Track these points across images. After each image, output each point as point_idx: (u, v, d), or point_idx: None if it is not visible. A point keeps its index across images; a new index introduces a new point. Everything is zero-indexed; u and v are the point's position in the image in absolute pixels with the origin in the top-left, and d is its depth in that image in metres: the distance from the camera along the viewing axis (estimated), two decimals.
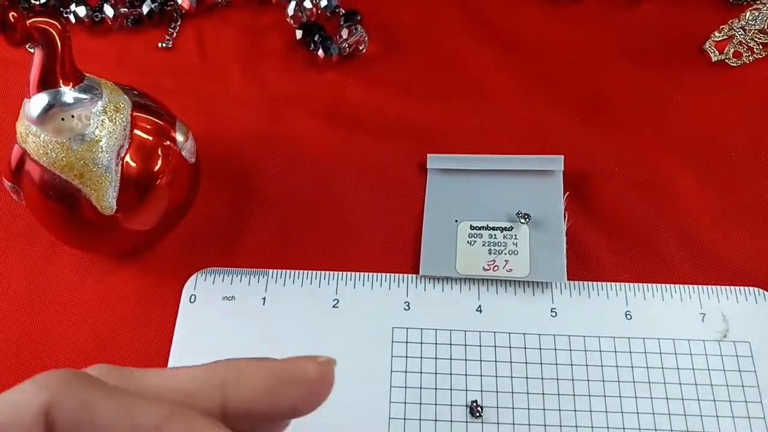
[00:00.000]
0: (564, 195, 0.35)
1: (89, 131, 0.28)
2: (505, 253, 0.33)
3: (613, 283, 0.33)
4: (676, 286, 0.33)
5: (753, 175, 0.36)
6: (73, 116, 0.27)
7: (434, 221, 0.34)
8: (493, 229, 0.33)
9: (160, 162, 0.30)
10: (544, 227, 0.34)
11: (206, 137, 0.37)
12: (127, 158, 0.29)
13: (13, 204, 0.35)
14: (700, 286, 0.32)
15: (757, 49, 0.40)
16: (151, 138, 0.30)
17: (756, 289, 0.32)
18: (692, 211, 0.35)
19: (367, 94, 0.40)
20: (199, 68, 0.41)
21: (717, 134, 0.37)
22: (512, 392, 0.30)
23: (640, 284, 0.33)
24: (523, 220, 0.33)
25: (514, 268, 0.32)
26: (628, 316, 0.32)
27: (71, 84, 0.27)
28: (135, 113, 0.30)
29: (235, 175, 0.37)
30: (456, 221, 0.34)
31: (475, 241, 0.33)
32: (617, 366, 0.30)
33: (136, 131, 0.29)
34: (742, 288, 0.32)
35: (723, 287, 0.32)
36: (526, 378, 0.30)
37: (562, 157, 0.35)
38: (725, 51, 0.40)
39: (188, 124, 0.33)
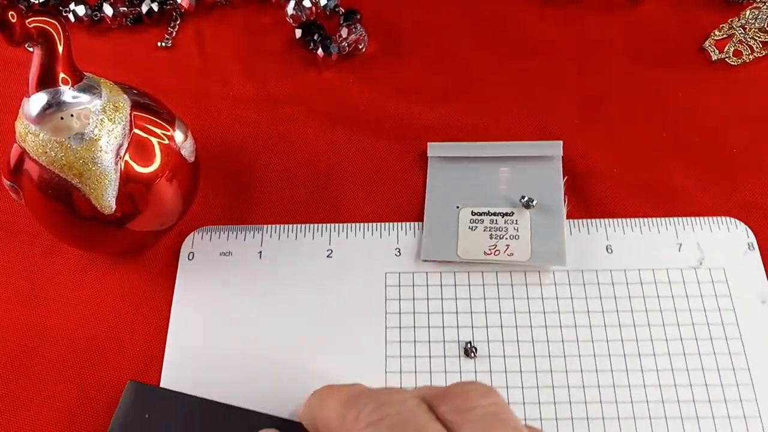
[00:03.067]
0: (563, 179, 0.35)
1: (88, 130, 0.28)
2: (506, 238, 0.33)
3: (594, 220, 0.34)
4: (654, 219, 0.34)
5: (754, 174, 0.36)
6: (72, 115, 0.27)
7: (435, 208, 0.35)
8: (494, 214, 0.34)
9: (159, 161, 0.30)
10: (545, 212, 0.34)
11: (206, 136, 0.37)
12: (127, 157, 0.29)
13: (12, 203, 0.35)
14: (676, 218, 0.34)
15: (757, 47, 0.40)
16: (150, 137, 0.30)
17: (728, 218, 0.34)
18: (692, 211, 0.35)
19: (366, 93, 0.40)
20: (199, 67, 0.41)
21: (717, 133, 0.37)
22: (501, 326, 0.31)
23: (620, 219, 0.34)
24: (527, 205, 0.34)
25: (515, 252, 0.33)
26: (609, 250, 0.33)
27: (70, 83, 0.27)
28: (134, 112, 0.30)
29: (234, 174, 0.37)
30: (457, 207, 0.35)
31: (476, 227, 0.34)
32: (600, 297, 0.32)
33: (136, 130, 0.29)
34: (715, 218, 0.34)
35: (697, 218, 0.34)
36: (514, 313, 0.32)
37: (561, 142, 0.36)
38: (725, 50, 0.40)
39: (188, 123, 0.33)
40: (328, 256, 0.33)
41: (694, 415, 0.29)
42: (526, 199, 0.34)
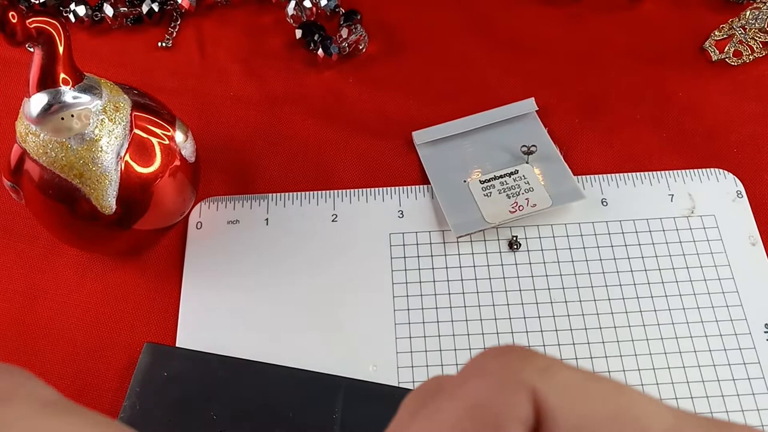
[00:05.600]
0: (545, 129, 0.37)
1: (89, 131, 0.28)
2: (523, 193, 0.35)
3: (588, 176, 0.36)
4: (646, 173, 0.36)
5: (755, 173, 0.36)
6: (72, 116, 0.27)
7: (444, 190, 0.36)
8: (501, 176, 0.35)
9: (159, 161, 0.30)
10: (544, 160, 0.36)
11: (206, 136, 0.37)
12: (127, 158, 0.29)
13: (12, 203, 0.35)
14: (667, 171, 0.36)
15: (757, 48, 0.40)
16: (151, 137, 0.30)
17: (718, 169, 0.35)
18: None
19: (366, 93, 0.40)
20: (199, 68, 0.41)
21: (718, 133, 0.37)
22: (503, 278, 0.33)
23: (613, 174, 0.36)
24: (529, 152, 0.35)
25: (537, 202, 0.34)
26: (604, 203, 0.35)
27: (71, 83, 0.27)
28: (135, 113, 0.30)
29: (234, 174, 0.37)
30: (465, 182, 0.35)
31: (491, 192, 0.35)
32: (598, 247, 0.34)
33: (136, 131, 0.29)
34: (705, 170, 0.36)
35: (687, 170, 0.36)
36: (515, 264, 0.33)
37: (533, 98, 0.38)
38: (725, 50, 0.40)
39: (188, 123, 0.33)
40: (333, 221, 0.35)
41: (692, 349, 0.31)
42: (527, 147, 0.36)
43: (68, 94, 0.27)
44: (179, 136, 0.31)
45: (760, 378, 0.30)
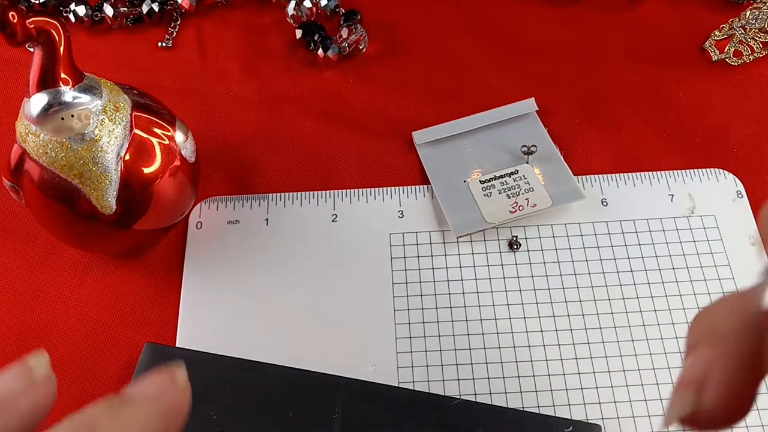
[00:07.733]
0: (545, 129, 0.37)
1: (89, 131, 0.28)
2: (523, 193, 0.35)
3: (588, 176, 0.36)
4: (646, 173, 0.36)
5: (755, 173, 0.36)
6: (72, 116, 0.27)
7: (444, 190, 0.36)
8: (502, 176, 0.35)
9: (159, 161, 0.30)
10: (544, 160, 0.36)
11: (206, 136, 0.37)
12: (127, 158, 0.29)
13: (12, 203, 0.35)
14: (667, 171, 0.36)
15: (757, 48, 0.40)
16: (151, 137, 0.30)
17: (718, 169, 0.36)
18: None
19: (366, 93, 0.40)
20: (199, 68, 0.41)
21: (718, 133, 0.37)
22: (503, 278, 0.33)
23: (613, 174, 0.36)
24: (529, 152, 0.35)
25: (537, 203, 0.34)
26: (604, 203, 0.35)
27: (71, 83, 0.27)
28: (135, 113, 0.30)
29: (234, 174, 0.37)
30: (465, 182, 0.35)
31: (491, 192, 0.35)
32: (598, 246, 0.34)
33: (136, 131, 0.29)
34: (705, 170, 0.36)
35: (687, 170, 0.36)
36: (516, 264, 0.33)
37: (533, 99, 0.38)
38: (725, 50, 0.40)
39: (188, 123, 0.33)
40: (333, 221, 0.35)
41: None
42: (527, 147, 0.36)
43: (68, 94, 0.27)
44: (179, 136, 0.31)
45: None
